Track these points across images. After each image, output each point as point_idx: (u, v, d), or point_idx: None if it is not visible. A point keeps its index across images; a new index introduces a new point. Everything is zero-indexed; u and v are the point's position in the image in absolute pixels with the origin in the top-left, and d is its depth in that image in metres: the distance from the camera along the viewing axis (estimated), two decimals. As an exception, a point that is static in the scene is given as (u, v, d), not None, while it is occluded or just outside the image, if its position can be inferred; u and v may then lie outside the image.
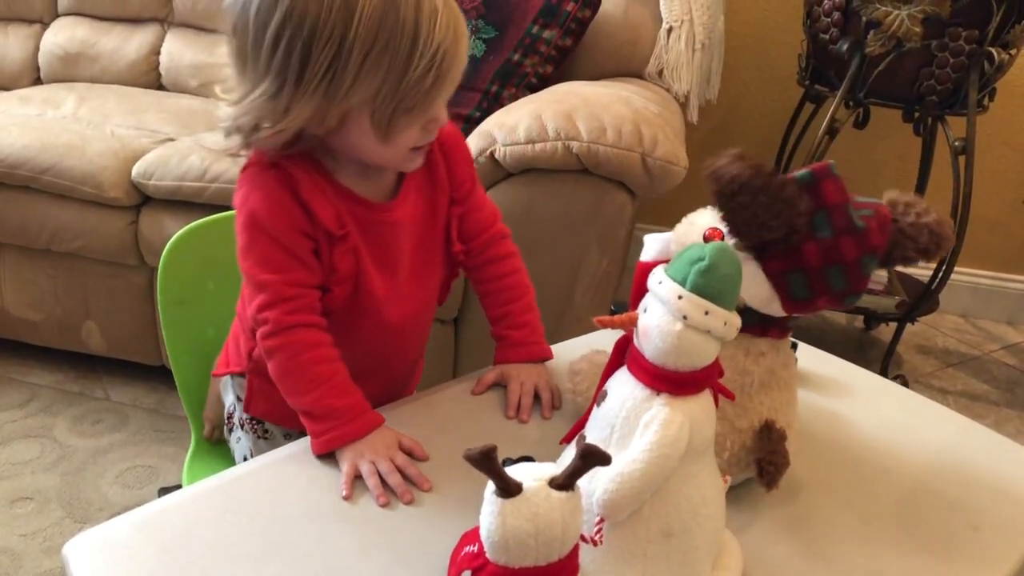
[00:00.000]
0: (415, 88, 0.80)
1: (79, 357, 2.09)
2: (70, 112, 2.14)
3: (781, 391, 0.84)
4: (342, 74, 0.79)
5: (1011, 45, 1.91)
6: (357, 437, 0.85)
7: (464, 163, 0.99)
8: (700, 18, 2.02)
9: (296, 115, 0.82)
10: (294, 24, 0.78)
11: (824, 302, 0.77)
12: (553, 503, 0.59)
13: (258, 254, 0.88)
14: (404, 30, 0.78)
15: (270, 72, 0.81)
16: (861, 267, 0.75)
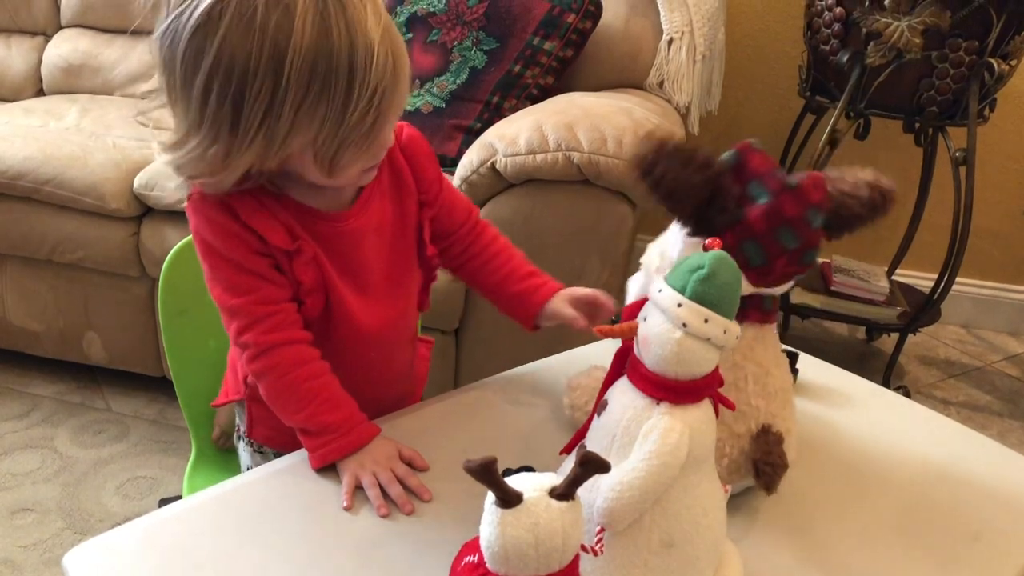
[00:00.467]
0: (355, 130, 0.78)
1: (80, 368, 2.09)
2: (72, 123, 2.14)
3: (778, 395, 0.84)
4: (277, 123, 0.76)
5: (1011, 56, 1.92)
6: (353, 449, 0.85)
7: (429, 164, 0.97)
8: (701, 29, 2.03)
9: (235, 165, 0.79)
10: (223, 73, 0.74)
11: (783, 264, 0.78)
12: (553, 513, 0.59)
13: (223, 280, 0.87)
14: (338, 75, 0.74)
15: (204, 122, 0.77)
16: (807, 222, 0.77)
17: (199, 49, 0.74)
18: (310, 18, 0.73)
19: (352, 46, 0.74)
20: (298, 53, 0.73)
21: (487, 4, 1.97)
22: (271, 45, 0.73)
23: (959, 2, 1.82)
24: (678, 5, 2.01)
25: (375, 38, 0.75)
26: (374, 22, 0.76)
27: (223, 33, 0.73)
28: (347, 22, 0.74)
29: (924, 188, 2.33)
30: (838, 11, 1.94)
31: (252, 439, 1.05)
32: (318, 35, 0.73)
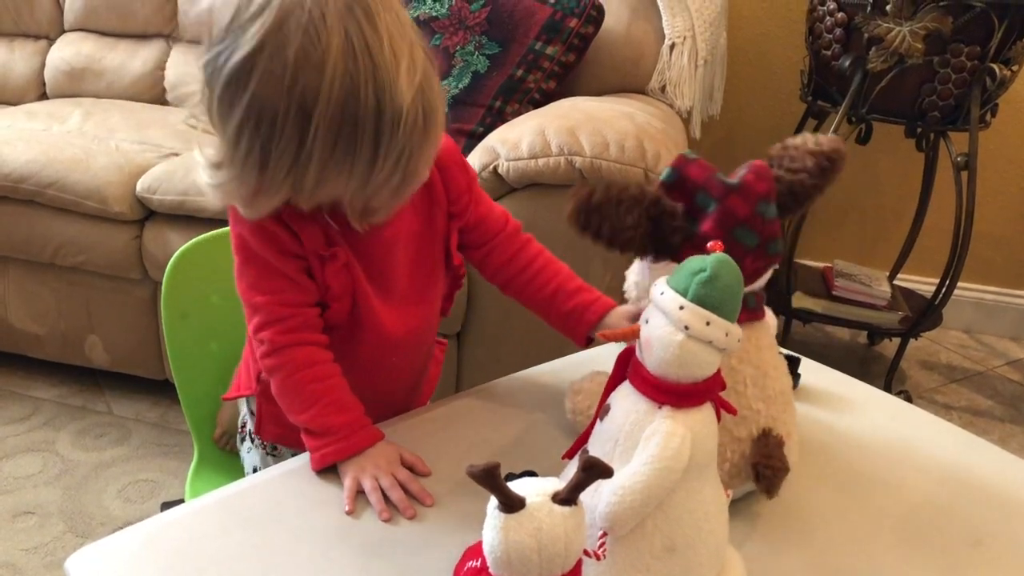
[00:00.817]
0: (384, 186, 0.78)
1: (82, 371, 2.10)
2: (75, 127, 2.15)
3: (777, 399, 0.84)
4: (304, 176, 0.76)
5: (1013, 61, 1.92)
6: (354, 452, 0.85)
7: (460, 175, 0.97)
8: (702, 34, 2.03)
9: (264, 203, 0.81)
10: (253, 124, 0.75)
11: (750, 262, 0.78)
12: (556, 518, 0.59)
13: (251, 276, 0.89)
14: (364, 137, 0.74)
15: (235, 159, 0.78)
16: (760, 215, 0.78)
17: (232, 96, 0.75)
18: (339, 80, 0.72)
19: (379, 109, 0.73)
20: (324, 115, 0.73)
21: (489, 9, 1.97)
22: (297, 104, 0.73)
23: (961, 7, 1.82)
24: (680, 10, 2.01)
25: (405, 100, 0.74)
26: (407, 81, 0.75)
27: (254, 88, 0.74)
28: (376, 85, 0.73)
29: (926, 193, 2.33)
30: (840, 16, 1.94)
31: (261, 438, 1.05)
32: (345, 97, 0.73)
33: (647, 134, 1.64)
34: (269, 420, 1.03)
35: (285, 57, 0.72)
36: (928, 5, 1.83)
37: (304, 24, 0.72)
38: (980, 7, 1.81)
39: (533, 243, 1.04)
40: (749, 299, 0.82)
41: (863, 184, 2.53)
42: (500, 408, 1.00)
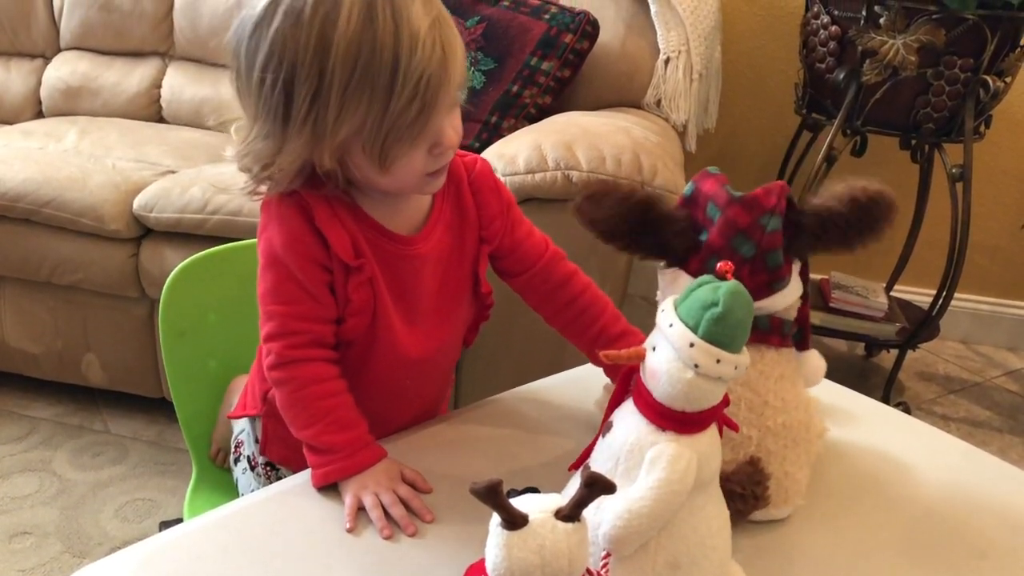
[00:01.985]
0: (401, 118, 0.78)
1: (79, 390, 2.09)
2: (72, 145, 2.15)
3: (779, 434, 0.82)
4: (325, 111, 0.78)
5: (1006, 73, 1.93)
6: (356, 471, 0.85)
7: (493, 200, 0.97)
8: (697, 48, 2.04)
9: (288, 155, 0.82)
10: (275, 64, 0.78)
11: (747, 274, 0.78)
12: (559, 535, 0.59)
13: (270, 283, 0.88)
14: (382, 61, 0.76)
15: (260, 113, 0.82)
16: (761, 226, 0.78)
17: (256, 43, 0.79)
18: (356, 9, 0.76)
19: (397, 34, 0.76)
20: (342, 41, 0.76)
21: (485, 25, 1.98)
22: (318, 35, 0.76)
23: (953, 20, 1.83)
24: (675, 25, 2.02)
25: (421, 26, 0.77)
26: (422, 12, 0.77)
27: (276, 26, 0.77)
28: (393, 11, 0.76)
29: (921, 204, 2.34)
30: (834, 29, 1.95)
31: (267, 457, 1.04)
32: (363, 24, 0.76)
33: (643, 148, 1.64)
34: (275, 440, 1.02)
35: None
36: (921, 18, 1.84)
37: None
38: (972, 19, 1.82)
39: (578, 276, 1.02)
40: (761, 321, 0.80)
41: (859, 196, 2.54)
42: (500, 424, 1.00)
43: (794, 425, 0.83)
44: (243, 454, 1.09)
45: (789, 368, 0.84)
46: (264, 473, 1.05)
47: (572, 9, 1.98)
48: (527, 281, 1.01)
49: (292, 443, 0.91)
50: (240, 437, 1.10)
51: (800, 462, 0.84)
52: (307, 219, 0.86)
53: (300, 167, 0.84)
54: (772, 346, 0.82)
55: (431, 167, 0.86)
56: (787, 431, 0.82)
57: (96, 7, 2.43)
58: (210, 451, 1.21)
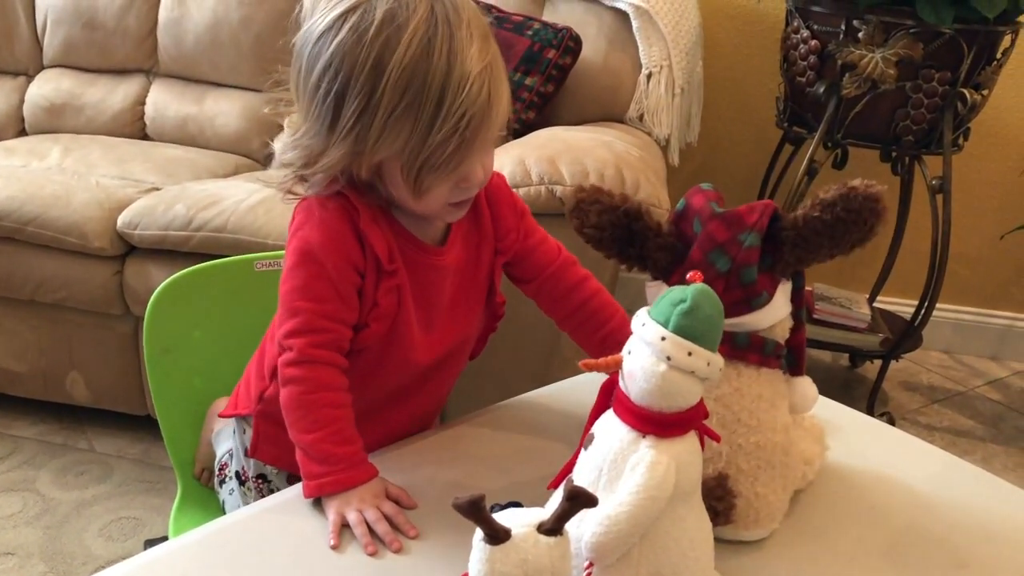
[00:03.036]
0: (439, 149, 0.81)
1: (63, 408, 2.07)
2: (55, 163, 2.14)
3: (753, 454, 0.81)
4: (369, 127, 0.82)
5: (983, 86, 1.96)
6: (350, 487, 0.85)
7: (509, 213, 0.99)
8: (679, 63, 2.05)
9: (329, 160, 0.85)
10: (332, 73, 0.82)
11: (721, 289, 0.77)
12: (542, 548, 0.59)
13: (300, 280, 0.89)
14: (430, 93, 0.80)
15: (310, 115, 0.85)
16: (739, 243, 0.78)
17: (320, 50, 0.82)
18: (417, 39, 0.79)
19: (449, 69, 0.80)
20: (397, 67, 0.79)
21: (468, 41, 1.99)
22: (376, 56, 0.80)
23: (931, 34, 1.85)
24: (656, 40, 2.04)
25: (473, 68, 0.81)
26: (478, 55, 0.81)
27: (340, 39, 0.81)
28: (451, 49, 0.80)
29: (902, 216, 2.36)
30: (813, 44, 1.97)
31: (257, 458, 1.05)
32: (419, 54, 0.79)
33: (626, 162, 1.66)
34: (266, 441, 1.02)
35: (373, 15, 0.80)
36: (899, 32, 1.86)
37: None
38: (949, 33, 1.85)
39: (589, 281, 1.04)
40: (740, 337, 0.80)
41: (841, 208, 2.56)
42: (484, 439, 1.00)
43: (768, 447, 0.82)
44: (229, 474, 1.09)
45: (769, 389, 0.83)
46: (255, 487, 1.05)
47: (554, 25, 1.99)
48: (539, 286, 1.03)
49: (284, 443, 0.92)
50: (224, 459, 1.10)
51: (774, 485, 0.83)
52: (351, 221, 0.89)
53: (338, 173, 0.88)
54: (751, 364, 0.81)
55: (455, 199, 0.89)
56: (760, 451, 0.82)
57: (80, 25, 2.43)
58: (194, 470, 1.21)
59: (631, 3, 2.04)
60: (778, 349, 0.83)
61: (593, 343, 1.02)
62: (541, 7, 2.14)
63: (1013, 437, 2.25)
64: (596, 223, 0.81)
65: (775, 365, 0.83)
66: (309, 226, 0.89)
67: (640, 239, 0.82)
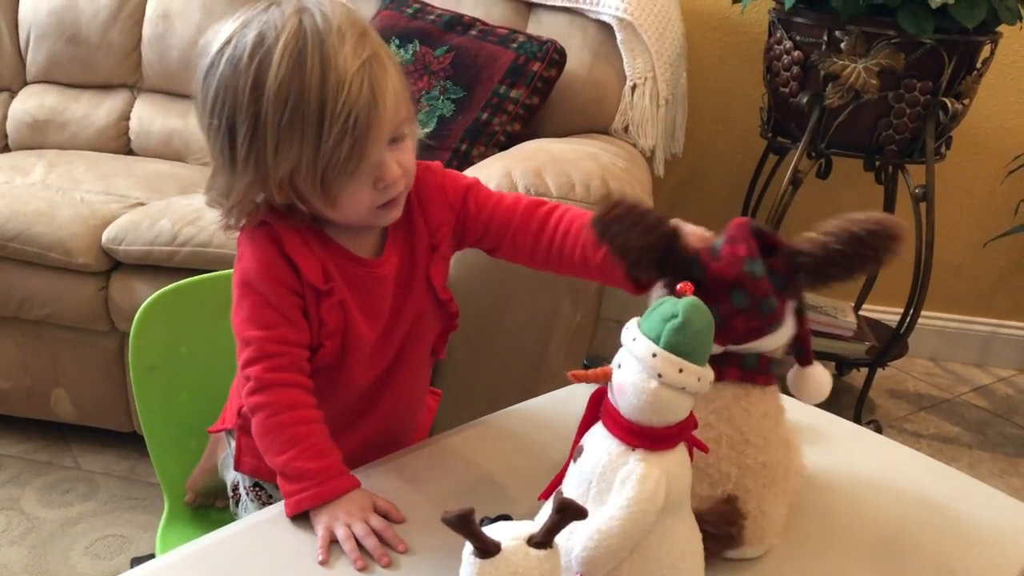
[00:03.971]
0: (335, 154, 0.83)
1: (48, 425, 2.06)
2: (39, 179, 2.13)
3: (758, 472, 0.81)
4: (264, 150, 0.84)
5: (964, 95, 1.97)
6: (328, 499, 0.85)
7: (439, 208, 0.98)
8: (663, 75, 2.07)
9: (239, 192, 0.87)
10: (219, 107, 0.84)
11: (742, 322, 0.78)
12: (532, 562, 0.59)
13: (247, 311, 0.90)
14: (310, 102, 0.81)
15: (214, 152, 0.88)
16: (750, 276, 0.77)
17: (207, 90, 0.85)
18: (288, 54, 0.82)
19: (324, 76, 0.81)
20: (274, 85, 0.81)
21: (453, 54, 2.00)
22: (253, 80, 0.82)
23: (912, 44, 1.87)
24: (640, 52, 2.05)
25: (349, 69, 0.82)
26: (352, 55, 0.82)
27: (219, 72, 0.84)
28: (322, 57, 0.82)
29: (886, 224, 2.37)
30: (796, 54, 1.99)
31: (240, 471, 1.05)
32: (293, 68, 0.82)
33: (611, 174, 1.66)
34: (247, 453, 1.03)
35: (244, 42, 0.83)
36: (881, 42, 1.88)
37: (264, 19, 0.84)
38: (930, 43, 1.86)
39: (553, 214, 0.99)
40: (749, 359, 0.80)
41: (825, 217, 2.56)
42: (473, 452, 1.00)
43: (774, 464, 0.83)
44: (241, 494, 1.08)
45: (773, 407, 0.84)
46: (255, 496, 1.05)
47: (539, 38, 2.00)
48: (511, 245, 1.00)
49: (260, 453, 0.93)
50: (236, 480, 1.09)
51: (776, 501, 0.84)
52: (278, 247, 0.90)
53: (260, 202, 0.89)
54: (758, 385, 0.82)
55: (379, 200, 0.89)
56: (766, 470, 0.82)
57: (63, 40, 2.43)
58: (186, 499, 1.20)
59: (615, 15, 2.05)
60: (777, 365, 0.84)
61: (573, 265, 0.98)
62: (526, 20, 2.15)
63: (999, 443, 2.26)
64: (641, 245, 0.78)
65: (775, 382, 0.84)
66: (245, 258, 0.91)
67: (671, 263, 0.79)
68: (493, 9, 2.14)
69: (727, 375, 0.80)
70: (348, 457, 0.91)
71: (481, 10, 2.13)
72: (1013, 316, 2.60)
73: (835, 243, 0.78)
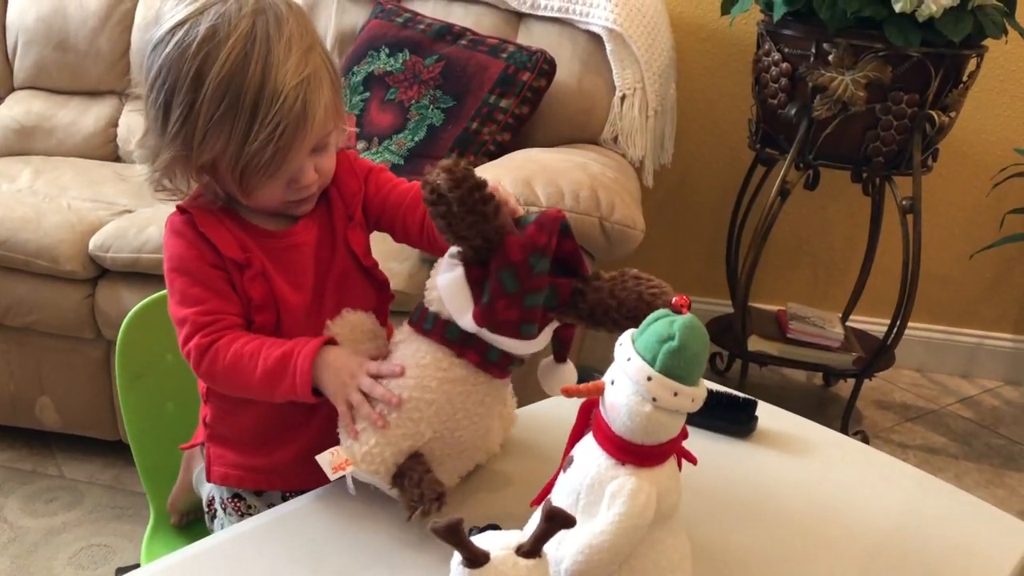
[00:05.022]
0: (257, 155, 0.87)
1: (32, 434, 2.04)
2: (26, 185, 2.12)
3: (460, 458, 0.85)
4: (192, 132, 0.88)
5: (950, 108, 1.99)
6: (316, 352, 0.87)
7: (350, 180, 1.01)
8: (652, 86, 2.07)
9: (164, 160, 0.91)
10: (160, 83, 0.88)
11: (503, 306, 0.78)
12: (520, 571, 0.59)
13: (177, 295, 0.93)
14: (244, 104, 0.85)
15: (147, 117, 0.92)
16: (529, 267, 0.78)
17: (152, 61, 0.89)
18: (234, 54, 0.85)
19: (263, 83, 0.85)
20: (214, 81, 0.85)
21: (443, 64, 2.00)
22: (196, 70, 0.86)
23: (899, 57, 1.89)
24: (630, 63, 2.06)
25: (288, 82, 0.86)
26: (294, 70, 0.86)
27: (167, 52, 0.88)
28: (266, 64, 0.85)
29: (874, 236, 2.39)
30: (784, 66, 2.00)
31: (211, 481, 1.05)
32: (236, 69, 0.85)
33: (601, 184, 1.67)
34: (216, 462, 1.04)
35: (197, 31, 0.86)
36: (868, 55, 1.89)
37: (221, 12, 0.86)
38: (917, 56, 1.88)
39: None
40: (493, 352, 0.83)
41: (813, 228, 2.59)
42: (462, 461, 0.99)
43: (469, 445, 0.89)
44: (216, 508, 1.07)
45: (493, 398, 0.88)
46: (234, 508, 1.04)
47: (529, 48, 2.01)
48: (402, 225, 1.02)
49: (229, 461, 0.99)
50: (211, 494, 1.08)
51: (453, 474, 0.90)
52: (193, 229, 0.94)
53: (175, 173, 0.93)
54: (491, 375, 0.85)
55: (291, 197, 0.94)
56: (460, 446, 0.88)
57: (51, 47, 2.42)
58: (172, 520, 1.19)
59: (605, 26, 2.06)
60: (517, 364, 0.87)
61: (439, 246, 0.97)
62: (516, 30, 2.16)
63: (984, 454, 2.27)
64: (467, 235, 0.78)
65: (506, 376, 0.88)
66: (168, 247, 0.95)
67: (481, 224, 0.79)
68: (483, 19, 2.14)
69: (468, 356, 0.83)
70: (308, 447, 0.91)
71: (471, 20, 2.13)
72: (999, 328, 2.62)
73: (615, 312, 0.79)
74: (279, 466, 1.02)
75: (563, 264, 0.81)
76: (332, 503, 0.90)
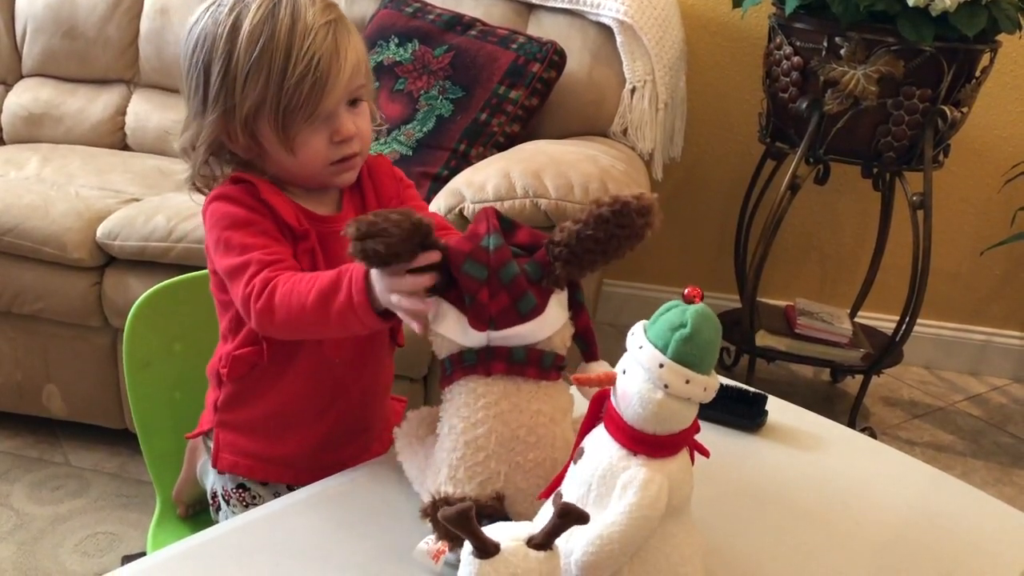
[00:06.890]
0: (296, 91, 0.91)
1: (38, 421, 2.04)
2: (33, 173, 2.12)
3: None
4: (232, 85, 0.92)
5: (962, 103, 1.98)
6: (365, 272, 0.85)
7: (389, 183, 1.04)
8: (662, 78, 2.06)
9: (208, 132, 0.95)
10: (198, 51, 0.94)
11: (486, 296, 0.78)
12: (531, 563, 0.58)
13: (236, 247, 0.92)
14: (279, 44, 0.91)
15: (189, 96, 0.96)
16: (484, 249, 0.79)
17: (189, 41, 0.96)
18: (263, 8, 0.92)
19: (293, 23, 0.92)
20: (247, 28, 0.92)
21: (453, 54, 1.99)
22: (231, 27, 0.92)
23: (912, 52, 1.87)
24: (640, 55, 2.05)
25: (316, 21, 0.92)
26: (320, 14, 0.93)
27: (202, 25, 0.95)
28: (293, 10, 0.93)
29: (883, 231, 2.38)
30: (796, 60, 1.99)
31: (217, 469, 1.04)
32: (266, 16, 0.92)
33: (610, 176, 1.66)
34: (225, 449, 1.03)
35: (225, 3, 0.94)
36: (880, 49, 1.88)
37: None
38: (930, 51, 1.87)
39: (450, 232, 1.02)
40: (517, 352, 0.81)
41: (822, 223, 2.58)
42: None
43: (547, 463, 0.81)
44: (220, 501, 1.07)
45: (549, 404, 0.82)
46: (238, 498, 1.04)
47: (539, 39, 2.00)
48: None
49: (240, 450, 1.00)
50: (214, 487, 1.08)
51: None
52: (253, 195, 0.95)
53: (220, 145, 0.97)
54: (529, 378, 0.81)
55: (334, 155, 0.96)
56: (539, 468, 0.80)
57: (60, 34, 2.42)
58: (178, 511, 1.19)
59: (615, 18, 2.05)
60: (558, 361, 0.82)
61: None
62: (526, 21, 2.15)
63: (992, 452, 2.26)
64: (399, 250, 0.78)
65: (555, 378, 0.83)
66: (216, 213, 0.95)
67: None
68: (493, 9, 2.14)
69: (494, 369, 0.80)
70: (320, 441, 0.94)
71: (481, 10, 2.12)
72: (1008, 325, 2.60)
73: (585, 229, 0.78)
74: (289, 457, 1.01)
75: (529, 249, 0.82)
76: (338, 494, 0.90)
